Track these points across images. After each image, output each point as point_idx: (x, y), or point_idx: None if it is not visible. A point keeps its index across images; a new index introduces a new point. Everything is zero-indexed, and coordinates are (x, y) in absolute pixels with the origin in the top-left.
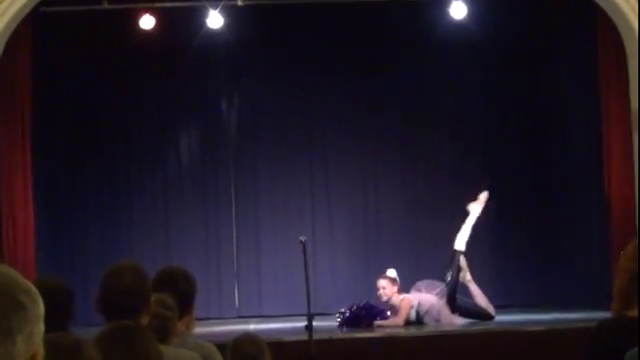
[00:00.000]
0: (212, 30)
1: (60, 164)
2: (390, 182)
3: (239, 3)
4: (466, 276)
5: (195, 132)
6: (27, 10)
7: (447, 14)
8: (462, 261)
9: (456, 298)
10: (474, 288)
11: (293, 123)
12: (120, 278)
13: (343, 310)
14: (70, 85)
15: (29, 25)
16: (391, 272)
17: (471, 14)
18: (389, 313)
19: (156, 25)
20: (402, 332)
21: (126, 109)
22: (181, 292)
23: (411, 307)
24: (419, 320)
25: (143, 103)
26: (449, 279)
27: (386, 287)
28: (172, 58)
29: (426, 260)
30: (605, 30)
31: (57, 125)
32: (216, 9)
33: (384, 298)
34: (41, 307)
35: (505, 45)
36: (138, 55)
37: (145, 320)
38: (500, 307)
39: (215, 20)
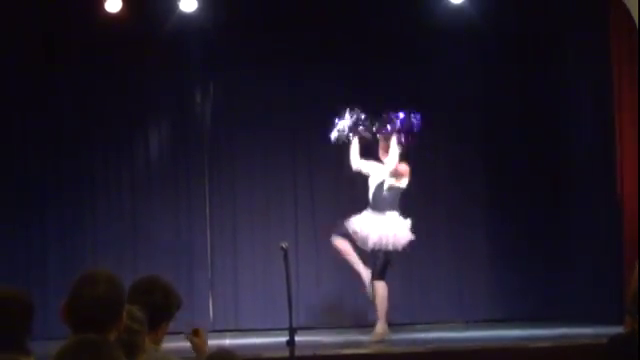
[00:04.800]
0: (185, 14)
1: (15, 165)
2: None
3: None
4: None
5: (166, 127)
6: None
7: None
8: None
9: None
10: None
11: (274, 117)
12: (93, 286)
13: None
14: (26, 76)
15: None
16: None
17: None
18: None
19: (123, 8)
20: (395, 349)
21: (88, 102)
22: (154, 305)
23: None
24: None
25: (107, 95)
26: None
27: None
28: (140, 45)
29: (420, 270)
30: (617, 14)
31: (10, 120)
32: None
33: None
34: None
35: (507, 31)
36: (102, 42)
37: (114, 336)
38: (501, 321)
39: (188, 3)
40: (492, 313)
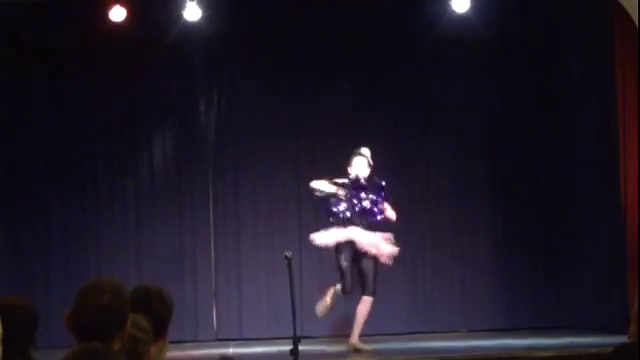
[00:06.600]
0: (189, 23)
1: (19, 174)
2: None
3: None
4: None
5: (170, 136)
6: None
7: (449, 7)
8: None
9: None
10: None
11: (278, 125)
12: (97, 295)
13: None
14: (31, 83)
15: None
16: (365, 150)
17: (474, 7)
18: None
19: (128, 17)
20: (397, 358)
21: (93, 111)
22: (155, 315)
23: None
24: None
25: (112, 104)
26: None
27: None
28: (145, 54)
29: (423, 279)
30: (620, 19)
31: (15, 129)
32: (194, 0)
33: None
34: None
35: (511, 40)
36: (107, 50)
37: (118, 345)
38: (505, 331)
39: (193, 12)
40: (496, 322)
